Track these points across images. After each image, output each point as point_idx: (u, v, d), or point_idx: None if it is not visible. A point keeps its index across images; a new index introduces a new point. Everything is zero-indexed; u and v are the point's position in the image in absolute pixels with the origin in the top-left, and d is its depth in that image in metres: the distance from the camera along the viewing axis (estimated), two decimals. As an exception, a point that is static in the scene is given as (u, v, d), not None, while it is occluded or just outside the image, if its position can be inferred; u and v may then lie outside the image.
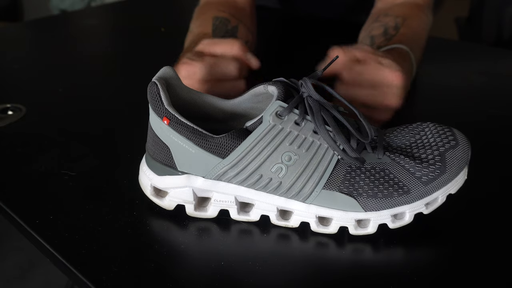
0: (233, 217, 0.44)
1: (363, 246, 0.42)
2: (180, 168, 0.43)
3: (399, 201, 0.41)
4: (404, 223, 0.42)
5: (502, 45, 1.39)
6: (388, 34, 0.67)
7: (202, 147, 0.41)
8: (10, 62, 0.81)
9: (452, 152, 0.42)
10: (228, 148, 0.40)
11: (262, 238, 0.42)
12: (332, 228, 0.42)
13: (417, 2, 0.74)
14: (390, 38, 0.65)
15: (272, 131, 0.40)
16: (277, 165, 0.40)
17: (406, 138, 0.44)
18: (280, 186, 0.41)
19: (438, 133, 0.43)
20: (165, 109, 0.41)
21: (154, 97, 0.41)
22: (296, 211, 0.43)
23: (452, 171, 0.41)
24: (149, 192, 0.44)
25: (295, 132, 0.40)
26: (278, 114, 0.40)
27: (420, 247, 0.42)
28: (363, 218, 0.42)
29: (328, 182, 0.41)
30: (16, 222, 0.44)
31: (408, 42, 0.64)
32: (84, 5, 1.89)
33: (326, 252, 0.41)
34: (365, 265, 0.40)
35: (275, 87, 0.42)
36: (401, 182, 0.41)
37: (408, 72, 0.59)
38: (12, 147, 0.55)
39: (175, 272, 0.38)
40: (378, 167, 0.41)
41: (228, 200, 0.43)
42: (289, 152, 0.40)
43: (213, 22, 0.67)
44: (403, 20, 0.69)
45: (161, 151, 0.43)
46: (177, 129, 0.41)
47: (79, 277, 0.38)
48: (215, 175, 0.42)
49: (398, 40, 0.64)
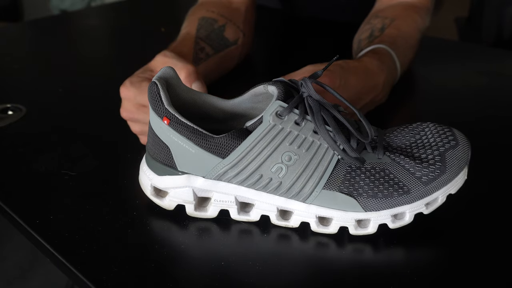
0: (233, 217, 0.44)
1: (363, 246, 0.42)
2: (180, 168, 0.43)
3: (399, 201, 0.41)
4: (404, 223, 0.42)
5: (502, 45, 1.39)
6: (372, 36, 0.67)
7: (202, 147, 0.41)
8: (10, 62, 0.81)
9: (452, 152, 0.42)
10: (228, 148, 0.40)
11: (262, 238, 0.42)
12: (332, 228, 0.42)
13: (414, 3, 0.74)
14: (373, 41, 0.66)
15: (272, 131, 0.40)
16: (277, 165, 0.40)
17: (406, 138, 0.44)
18: (280, 186, 0.41)
19: (438, 133, 0.43)
20: (165, 109, 0.41)
21: (154, 97, 0.41)
22: (296, 211, 0.43)
23: (452, 171, 0.41)
24: (149, 192, 0.44)
25: (295, 132, 0.40)
26: (278, 114, 0.40)
27: (420, 247, 0.42)
28: (363, 218, 0.42)
29: (328, 182, 0.41)
30: (16, 222, 0.44)
31: (392, 41, 0.64)
32: (84, 5, 1.89)
33: (326, 253, 0.41)
34: (365, 265, 0.40)
35: (275, 87, 0.42)
36: (401, 182, 0.41)
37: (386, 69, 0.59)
38: (12, 147, 0.55)
39: (175, 272, 0.38)
40: (378, 167, 0.41)
41: (228, 200, 0.43)
42: (289, 152, 0.40)
43: (198, 22, 0.67)
44: (391, 21, 0.69)
45: (161, 151, 0.43)
46: (177, 129, 0.41)
47: (79, 277, 0.38)
48: (215, 175, 0.42)
49: (379, 41, 0.64)
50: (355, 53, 0.68)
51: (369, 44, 0.64)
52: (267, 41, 0.92)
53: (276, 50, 0.89)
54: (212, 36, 0.66)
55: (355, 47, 0.70)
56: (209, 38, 0.66)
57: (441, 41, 0.91)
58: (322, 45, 0.86)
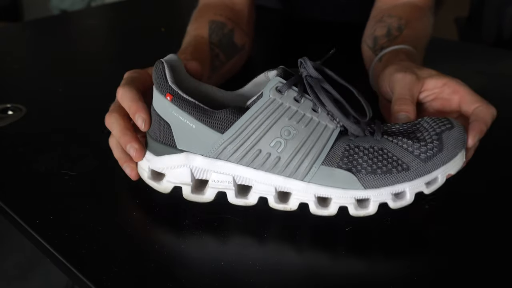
0: (231, 200, 0.43)
1: (363, 245, 0.42)
2: (180, 145, 0.43)
3: (399, 178, 0.41)
4: (406, 202, 0.41)
5: (502, 45, 1.39)
6: (391, 35, 0.67)
7: (202, 122, 0.41)
8: (10, 62, 0.81)
9: (449, 133, 0.42)
10: (228, 122, 0.41)
11: (262, 238, 0.42)
12: (332, 209, 0.42)
13: (418, 4, 0.74)
14: (393, 39, 0.65)
15: (272, 105, 0.40)
16: (276, 139, 0.41)
17: (403, 127, 0.44)
18: (278, 162, 0.41)
19: (434, 121, 0.44)
20: (168, 86, 0.42)
21: (159, 75, 0.42)
22: (295, 192, 0.42)
23: (450, 150, 0.41)
24: (146, 176, 0.44)
25: (294, 108, 0.41)
26: (278, 90, 0.41)
27: (420, 246, 0.42)
28: (363, 197, 0.41)
29: (327, 159, 0.41)
30: (16, 222, 0.44)
31: (412, 43, 0.64)
32: (84, 5, 1.89)
33: (326, 251, 0.41)
34: (365, 264, 0.40)
35: (275, 70, 0.43)
36: (400, 160, 0.41)
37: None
38: (13, 147, 0.55)
39: (175, 272, 0.38)
40: (376, 146, 0.42)
41: (226, 181, 0.43)
42: (288, 126, 0.41)
43: (209, 26, 0.67)
44: (406, 21, 0.69)
45: (162, 129, 0.43)
46: (179, 104, 0.42)
47: (79, 277, 0.38)
48: (214, 152, 0.42)
49: (401, 41, 0.64)
50: (371, 48, 0.68)
51: (389, 43, 0.64)
52: (267, 41, 0.92)
53: (276, 50, 0.89)
54: (223, 42, 0.66)
55: (370, 43, 0.69)
56: (221, 44, 0.65)
57: (441, 41, 0.91)
58: (322, 45, 0.86)
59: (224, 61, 0.65)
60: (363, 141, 0.42)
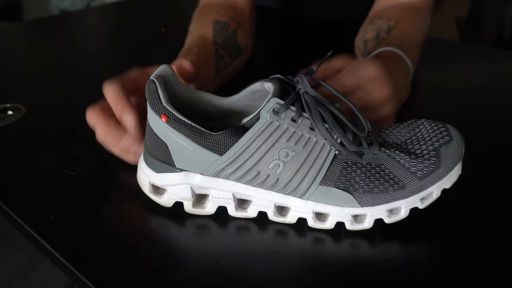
0: (231, 213, 0.44)
1: (360, 243, 0.42)
2: (178, 165, 0.43)
3: (394, 196, 0.41)
4: (400, 217, 0.42)
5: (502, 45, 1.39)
6: (379, 37, 0.67)
7: (200, 144, 0.41)
8: (10, 62, 0.81)
9: (446, 147, 0.42)
10: (226, 145, 0.41)
11: (262, 238, 0.42)
12: (329, 224, 0.42)
13: (415, 4, 0.74)
14: (380, 42, 0.65)
15: (269, 128, 0.40)
16: (274, 161, 0.41)
17: (402, 134, 0.44)
18: (277, 183, 0.41)
19: (432, 129, 0.44)
20: (163, 107, 0.41)
21: (152, 95, 0.42)
22: (293, 207, 0.43)
23: (447, 166, 0.42)
24: (147, 190, 0.45)
25: (292, 129, 0.41)
26: (275, 111, 0.40)
27: (417, 243, 0.42)
28: (359, 213, 0.42)
29: (324, 178, 0.41)
30: (16, 222, 0.44)
31: (399, 43, 0.64)
32: (84, 5, 1.89)
33: (324, 250, 0.41)
34: (363, 261, 0.40)
35: (271, 83, 0.42)
36: (397, 178, 0.41)
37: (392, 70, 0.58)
38: (12, 147, 0.55)
39: (175, 272, 0.38)
40: (374, 162, 0.42)
41: (226, 197, 0.43)
42: (286, 148, 0.40)
43: (213, 26, 0.66)
44: (396, 22, 0.68)
45: (159, 148, 0.43)
46: (175, 126, 0.41)
47: (79, 277, 0.38)
48: (213, 172, 0.42)
49: (387, 43, 0.64)
50: (361, 53, 0.68)
51: (377, 47, 0.64)
52: (267, 41, 0.92)
53: (276, 50, 0.89)
54: (227, 42, 0.65)
55: (361, 47, 0.69)
56: (226, 45, 0.65)
57: (441, 41, 0.91)
58: (322, 45, 0.86)
59: (228, 62, 0.65)
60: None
